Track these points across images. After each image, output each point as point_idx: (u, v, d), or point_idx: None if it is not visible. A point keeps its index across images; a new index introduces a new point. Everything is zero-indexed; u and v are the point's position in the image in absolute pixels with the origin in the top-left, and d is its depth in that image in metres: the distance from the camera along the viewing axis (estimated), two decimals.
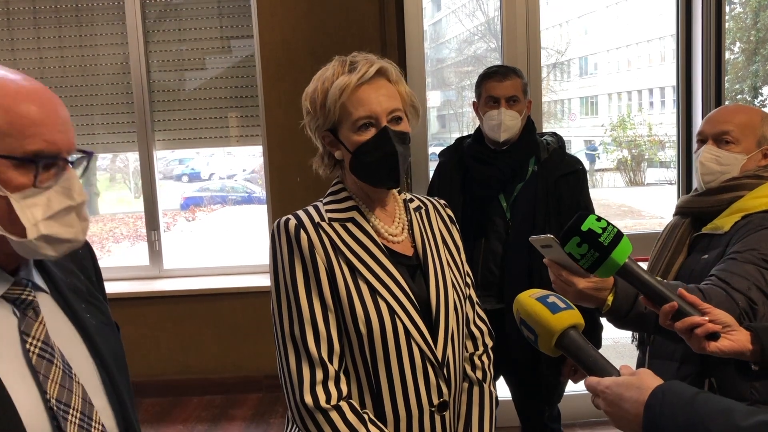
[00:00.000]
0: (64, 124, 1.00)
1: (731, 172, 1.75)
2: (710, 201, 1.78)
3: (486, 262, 2.44)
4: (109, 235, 8.90)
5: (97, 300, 1.17)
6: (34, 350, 0.98)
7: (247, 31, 3.86)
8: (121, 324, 1.26)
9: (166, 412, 3.73)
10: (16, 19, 3.88)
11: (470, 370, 1.54)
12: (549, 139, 2.52)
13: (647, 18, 11.20)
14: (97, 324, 1.12)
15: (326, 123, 1.41)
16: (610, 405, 1.06)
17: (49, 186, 0.97)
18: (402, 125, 1.40)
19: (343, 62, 1.41)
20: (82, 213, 1.01)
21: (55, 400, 0.97)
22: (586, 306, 1.47)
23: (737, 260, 1.57)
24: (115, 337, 1.18)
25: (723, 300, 1.48)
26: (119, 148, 4.18)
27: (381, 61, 1.41)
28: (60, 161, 0.99)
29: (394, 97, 1.40)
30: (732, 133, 1.75)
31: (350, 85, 1.36)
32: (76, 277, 1.14)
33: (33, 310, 1.01)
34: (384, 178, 1.40)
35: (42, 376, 0.97)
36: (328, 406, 1.32)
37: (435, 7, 11.81)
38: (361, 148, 1.37)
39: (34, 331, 0.99)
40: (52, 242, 0.98)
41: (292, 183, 3.57)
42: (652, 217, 8.90)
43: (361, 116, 1.36)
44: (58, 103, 1.00)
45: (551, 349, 1.17)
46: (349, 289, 1.36)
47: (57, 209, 0.98)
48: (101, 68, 3.91)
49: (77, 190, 1.00)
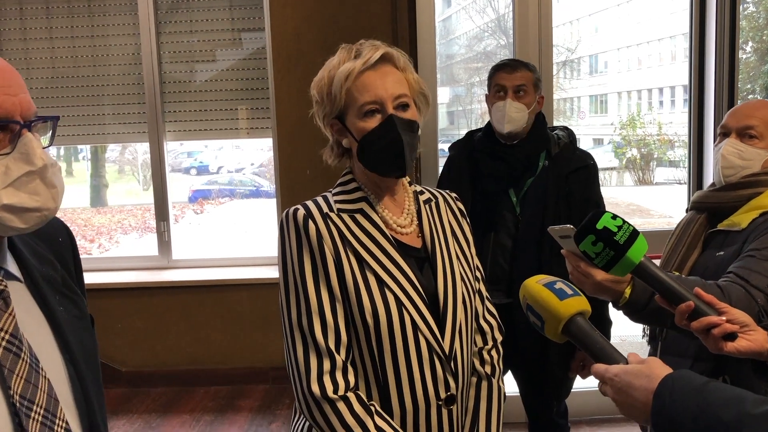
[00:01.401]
0: (13, 87, 0.95)
1: (752, 168, 1.72)
2: (728, 196, 1.75)
3: (495, 256, 2.44)
4: (117, 227, 8.93)
5: (73, 292, 1.12)
6: (1, 342, 0.94)
7: (259, 23, 3.87)
8: (128, 314, 1.25)
9: (173, 402, 3.75)
10: (28, 9, 3.89)
11: (479, 365, 1.53)
12: (560, 133, 2.51)
13: (658, 17, 11.13)
14: (70, 317, 1.08)
15: (333, 110, 1.40)
16: (618, 393, 1.05)
17: (5, 153, 0.93)
18: (409, 113, 1.38)
19: (349, 49, 1.40)
20: (47, 178, 0.96)
21: (19, 396, 0.93)
22: (604, 298, 1.46)
23: (756, 257, 1.55)
24: (89, 332, 1.13)
25: (742, 297, 1.47)
26: (130, 138, 4.20)
27: (387, 47, 1.39)
28: (11, 125, 0.94)
29: (401, 83, 1.38)
30: (757, 128, 1.72)
31: (355, 71, 1.35)
32: (52, 267, 1.10)
33: (3, 301, 0.97)
34: (390, 167, 1.39)
35: (7, 370, 0.93)
36: (335, 396, 1.31)
37: (445, 4, 11.78)
38: (367, 136, 1.37)
39: (2, 323, 0.95)
40: (17, 212, 0.94)
41: (301, 175, 3.57)
42: (660, 216, 8.86)
43: (366, 101, 1.35)
44: (6, 68, 0.96)
45: (558, 335, 1.16)
46: (357, 280, 1.36)
47: (16, 176, 0.93)
48: (113, 59, 3.92)
49: (38, 154, 0.95)
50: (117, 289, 3.82)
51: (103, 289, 3.78)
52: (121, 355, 3.90)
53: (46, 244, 1.11)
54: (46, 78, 3.90)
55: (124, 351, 3.90)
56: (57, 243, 1.14)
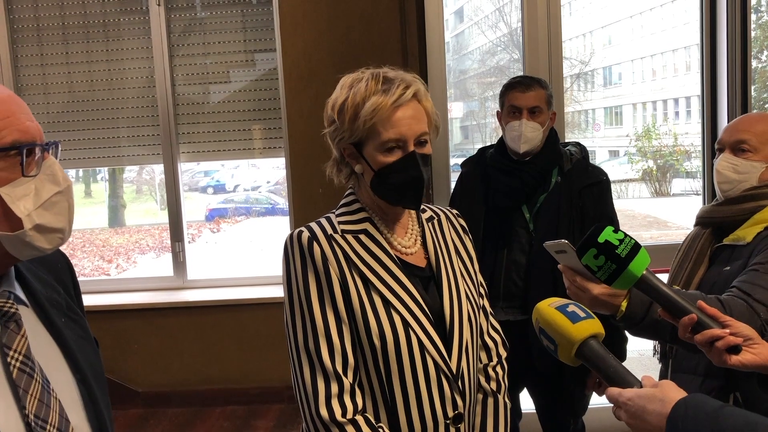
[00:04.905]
0: (29, 114, 1.01)
1: (749, 181, 1.72)
2: (731, 211, 1.75)
3: (509, 273, 2.42)
4: (135, 247, 9.01)
5: (76, 314, 1.15)
6: (15, 364, 0.97)
7: (271, 44, 3.91)
8: (144, 334, 1.27)
9: (189, 422, 3.75)
10: (46, 35, 3.97)
11: (484, 381, 1.53)
12: (572, 149, 2.50)
13: (672, 27, 11.11)
14: (77, 338, 1.11)
15: (352, 137, 1.39)
16: (632, 417, 1.04)
17: (34, 174, 0.98)
18: (427, 148, 1.40)
19: (376, 78, 1.38)
20: (71, 198, 1.02)
21: (34, 416, 0.96)
22: (601, 312, 1.46)
23: (759, 271, 1.54)
24: (95, 352, 1.16)
25: (744, 311, 1.45)
26: (145, 160, 4.23)
27: (415, 81, 1.39)
28: (37, 148, 0.99)
29: (422, 120, 1.38)
30: (750, 141, 1.72)
31: (385, 107, 1.34)
32: (55, 291, 1.13)
33: (15, 323, 0.99)
34: (406, 200, 1.40)
35: (22, 390, 0.96)
36: (343, 419, 1.31)
37: (458, 19, 11.84)
38: (386, 169, 1.37)
39: (15, 345, 0.98)
40: (44, 232, 0.98)
41: (314, 194, 3.59)
42: (678, 228, 8.77)
43: (390, 138, 1.35)
44: (17, 97, 1.01)
45: (571, 359, 1.16)
46: (363, 301, 1.36)
47: (46, 197, 0.98)
48: (128, 82, 3.98)
49: (62, 175, 1.00)
50: (132, 310, 3.84)
51: (118, 310, 3.80)
52: (137, 376, 3.92)
53: (47, 270, 1.14)
54: (63, 102, 3.96)
55: (140, 372, 3.92)
56: (56, 268, 1.18)
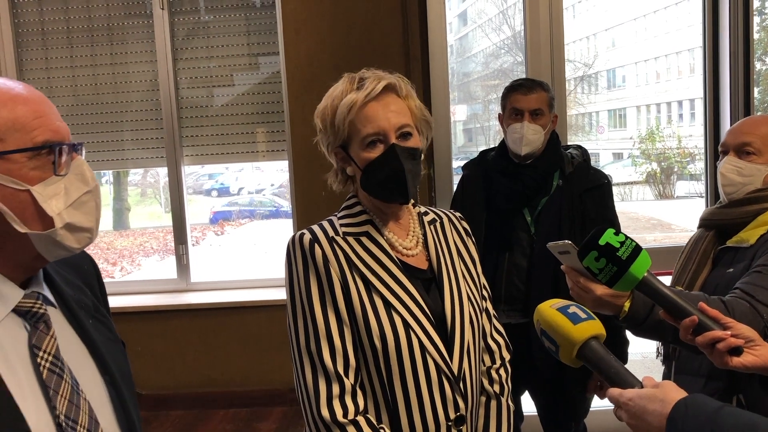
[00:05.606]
0: (58, 115, 1.03)
1: (754, 183, 1.73)
2: (735, 213, 1.75)
3: (510, 276, 2.43)
4: (139, 249, 9.03)
5: (104, 316, 1.17)
6: (45, 364, 0.98)
7: (274, 48, 3.92)
8: (147, 337, 1.28)
9: (192, 425, 3.76)
10: (51, 39, 3.99)
11: (487, 384, 1.53)
12: (574, 152, 2.50)
13: (676, 30, 11.08)
14: (105, 340, 1.12)
15: (337, 140, 1.42)
16: (632, 417, 1.05)
17: (64, 173, 1.00)
18: (412, 141, 1.40)
19: (352, 79, 1.41)
20: (99, 198, 1.03)
21: (64, 416, 0.97)
22: (604, 313, 1.46)
23: (762, 273, 1.54)
24: (122, 354, 1.18)
25: (747, 313, 1.46)
26: (149, 163, 4.25)
27: (390, 76, 1.40)
28: (66, 148, 1.01)
29: (403, 113, 1.39)
30: (754, 144, 1.73)
31: (357, 103, 1.36)
32: (83, 293, 1.14)
33: (44, 324, 1.01)
34: (393, 194, 1.41)
35: (52, 391, 0.97)
36: (345, 420, 1.32)
37: (461, 22, 11.84)
38: (370, 165, 1.38)
39: (45, 345, 0.99)
40: (74, 231, 1.00)
41: (317, 196, 3.59)
42: (682, 230, 8.74)
43: (369, 133, 1.37)
44: (46, 98, 1.04)
45: (572, 360, 1.16)
46: (364, 303, 1.37)
47: (76, 196, 1.00)
48: (132, 86, 3.99)
49: (90, 174, 1.03)
50: (136, 312, 3.85)
51: (122, 312, 3.81)
52: (140, 379, 3.90)
53: (74, 272, 1.15)
54: (68, 105, 3.98)
55: (144, 374, 3.92)
56: (83, 270, 1.19)
